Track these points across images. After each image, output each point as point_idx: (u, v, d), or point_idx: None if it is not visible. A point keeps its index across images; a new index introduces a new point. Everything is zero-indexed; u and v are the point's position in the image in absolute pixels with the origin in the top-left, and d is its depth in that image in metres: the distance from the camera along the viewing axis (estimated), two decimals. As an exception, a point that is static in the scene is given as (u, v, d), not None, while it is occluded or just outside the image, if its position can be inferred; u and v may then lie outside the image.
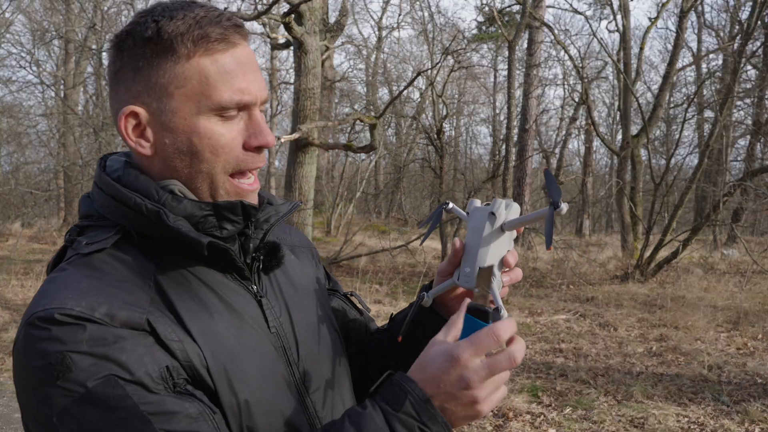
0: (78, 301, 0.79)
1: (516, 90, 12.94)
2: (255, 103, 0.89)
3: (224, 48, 0.87)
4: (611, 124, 25.95)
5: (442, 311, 1.09)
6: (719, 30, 20.60)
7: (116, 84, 0.89)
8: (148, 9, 0.88)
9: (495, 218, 0.96)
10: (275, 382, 0.91)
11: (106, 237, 0.88)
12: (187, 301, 0.87)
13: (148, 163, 0.91)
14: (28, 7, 20.08)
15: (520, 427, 4.44)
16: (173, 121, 0.87)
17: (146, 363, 0.78)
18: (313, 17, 9.02)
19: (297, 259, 1.11)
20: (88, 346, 0.76)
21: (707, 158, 11.32)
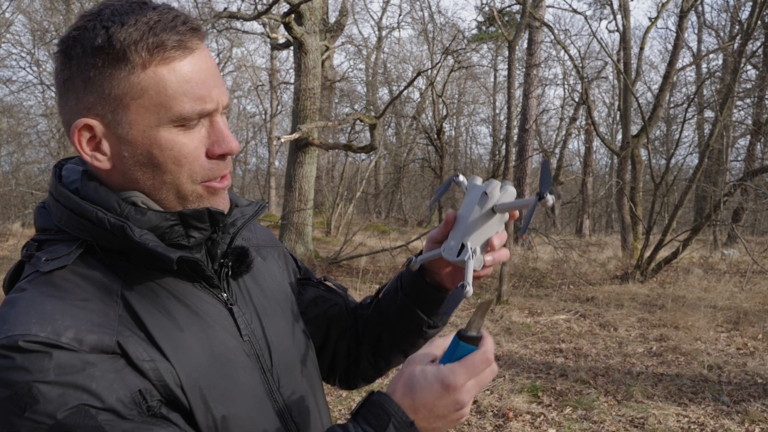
0: (43, 326, 0.75)
1: (516, 90, 12.94)
2: (216, 110, 0.86)
3: (182, 55, 0.82)
4: (611, 124, 25.96)
5: (430, 278, 1.10)
6: (719, 30, 20.62)
7: (66, 93, 0.84)
8: (95, 11, 0.82)
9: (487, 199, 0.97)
10: (251, 392, 0.89)
11: (67, 252, 0.83)
12: (157, 315, 0.84)
13: (106, 176, 0.86)
14: (28, 7, 20.08)
15: (520, 427, 4.44)
16: (131, 133, 0.82)
17: (117, 389, 0.75)
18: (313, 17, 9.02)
19: (264, 261, 1.08)
20: (55, 374, 0.73)
21: (707, 158, 11.33)
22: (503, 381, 5.35)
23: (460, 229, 0.99)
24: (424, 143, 20.50)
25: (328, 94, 17.99)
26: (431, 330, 1.14)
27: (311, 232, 11.86)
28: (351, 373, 1.22)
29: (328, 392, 4.99)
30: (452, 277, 1.09)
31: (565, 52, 14.00)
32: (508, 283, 9.18)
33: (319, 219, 18.21)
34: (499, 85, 25.73)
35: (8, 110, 18.44)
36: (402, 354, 1.19)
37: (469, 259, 0.97)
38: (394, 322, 1.14)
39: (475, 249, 0.98)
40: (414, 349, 1.17)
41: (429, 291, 1.09)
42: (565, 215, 25.90)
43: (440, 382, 0.80)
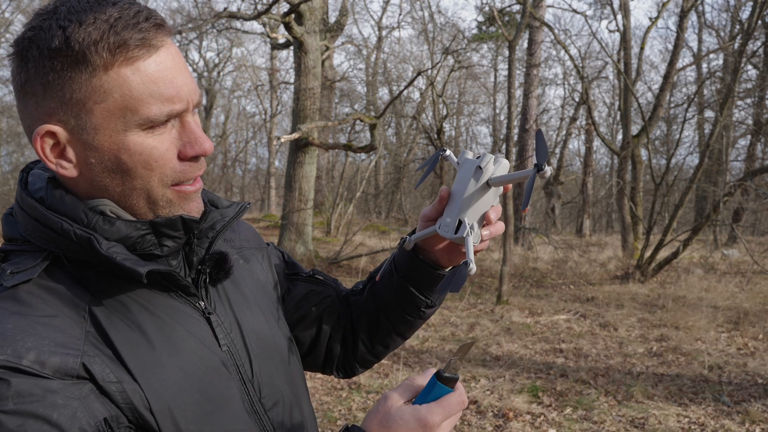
0: (3, 348, 0.71)
1: (516, 90, 12.94)
2: (187, 110, 0.81)
3: (146, 54, 0.77)
4: (611, 124, 25.96)
5: (424, 256, 1.08)
6: (720, 30, 20.61)
7: (24, 98, 0.79)
8: (50, 9, 0.77)
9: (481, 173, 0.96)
10: (229, 409, 0.86)
11: (33, 265, 0.79)
12: (126, 331, 0.80)
13: (72, 183, 0.82)
14: (28, 6, 20.09)
15: (520, 427, 4.43)
16: (97, 138, 0.78)
17: (80, 417, 0.72)
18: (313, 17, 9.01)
19: (246, 264, 1.04)
20: (14, 403, 0.69)
21: (707, 158, 11.32)
22: (503, 381, 5.34)
23: (455, 205, 0.98)
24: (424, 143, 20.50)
25: (328, 94, 17.99)
26: (429, 309, 1.12)
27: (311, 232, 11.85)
28: (348, 360, 1.20)
29: (328, 392, 4.99)
30: (447, 254, 1.07)
31: (565, 52, 14.00)
32: (509, 283, 9.17)
33: (319, 219, 18.21)
34: (499, 85, 25.73)
35: (8, 110, 18.43)
36: (400, 337, 1.17)
37: (468, 235, 0.95)
38: (391, 305, 1.12)
39: (472, 224, 0.96)
40: (411, 331, 1.17)
41: (425, 269, 1.07)
42: (566, 215, 25.89)
43: (417, 420, 0.81)
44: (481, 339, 6.71)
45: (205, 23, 10.41)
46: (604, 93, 25.79)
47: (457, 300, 9.06)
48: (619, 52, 14.37)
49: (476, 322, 7.63)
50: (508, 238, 8.92)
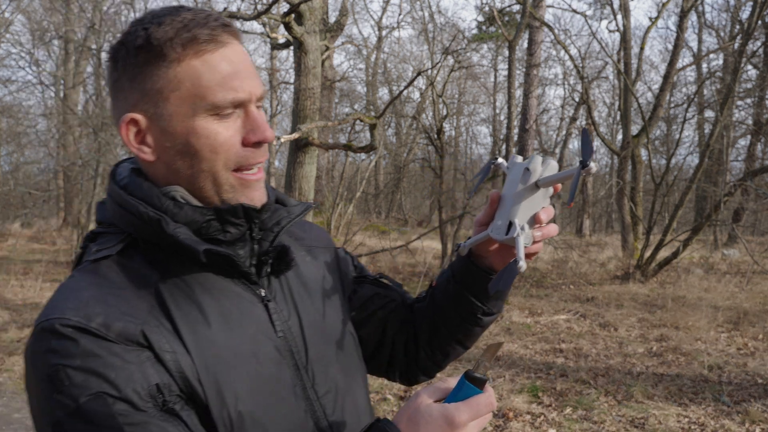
0: (76, 312, 0.81)
1: (516, 90, 12.94)
2: (250, 100, 0.90)
3: (213, 48, 0.87)
4: (611, 124, 25.95)
5: (479, 262, 1.10)
6: (719, 30, 20.61)
7: (115, 93, 0.91)
8: (139, 18, 0.90)
9: (530, 174, 0.97)
10: (275, 389, 0.91)
11: (113, 244, 0.90)
12: (186, 308, 0.87)
13: (153, 168, 0.92)
14: (28, 6, 20.07)
15: (520, 427, 4.43)
16: (171, 124, 0.88)
17: (135, 380, 0.79)
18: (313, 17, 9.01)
19: (313, 260, 1.10)
20: (80, 360, 0.78)
21: (708, 158, 11.32)
22: (503, 381, 5.34)
23: (505, 208, 0.99)
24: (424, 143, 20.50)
25: (328, 94, 17.99)
26: (486, 317, 1.14)
27: (311, 232, 11.84)
28: (411, 367, 1.22)
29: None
30: (501, 259, 1.09)
31: (565, 52, 14.00)
32: (508, 283, 9.15)
33: (319, 219, 18.20)
34: (499, 85, 25.73)
35: (8, 110, 18.42)
36: (459, 345, 1.19)
37: (518, 235, 0.96)
38: (449, 312, 1.14)
39: (523, 225, 0.97)
40: (471, 340, 1.18)
41: (479, 276, 1.09)
42: (566, 215, 25.88)
43: (444, 418, 0.83)
44: (480, 339, 6.71)
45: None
46: (604, 93, 25.79)
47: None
48: (619, 52, 14.36)
49: (476, 322, 7.62)
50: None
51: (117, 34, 17.09)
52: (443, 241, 12.78)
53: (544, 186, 0.98)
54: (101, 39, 16.11)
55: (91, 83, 20.66)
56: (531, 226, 0.99)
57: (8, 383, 5.48)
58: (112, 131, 13.81)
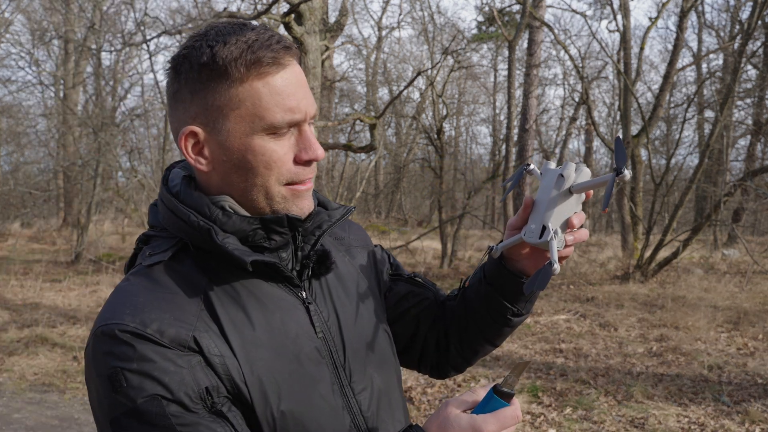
0: (133, 318, 0.87)
1: (516, 90, 12.95)
2: (304, 120, 0.95)
3: (275, 70, 0.92)
4: (611, 124, 25.93)
5: (510, 266, 1.14)
6: (719, 30, 20.60)
7: (175, 104, 0.96)
8: (202, 32, 0.94)
9: (563, 180, 1.01)
10: (315, 388, 0.96)
11: (165, 249, 0.96)
12: (233, 312, 0.93)
13: (206, 178, 0.98)
14: (28, 6, 20.07)
15: (520, 427, 4.43)
16: (229, 140, 0.93)
17: (187, 384, 0.86)
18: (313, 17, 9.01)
19: (352, 260, 1.15)
20: (137, 364, 0.85)
21: (707, 158, 11.32)
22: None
23: (539, 212, 1.02)
24: (424, 143, 20.48)
25: (328, 94, 17.99)
26: (516, 318, 1.17)
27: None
28: (441, 362, 1.27)
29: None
30: (533, 263, 1.11)
31: (565, 52, 14.00)
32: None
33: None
34: (499, 85, 25.72)
35: (7, 110, 18.42)
36: (488, 343, 1.23)
37: (552, 239, 0.98)
38: (480, 312, 1.18)
39: (556, 229, 1.00)
40: (500, 339, 1.22)
41: (510, 278, 1.12)
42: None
43: (472, 428, 0.86)
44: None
45: (204, 23, 10.42)
46: (604, 93, 25.78)
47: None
48: (619, 52, 14.36)
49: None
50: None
51: (117, 34, 17.09)
52: (443, 241, 12.78)
53: (578, 192, 1.01)
54: (101, 39, 16.10)
55: (91, 83, 20.65)
56: (563, 230, 1.02)
57: (8, 383, 5.48)
58: (112, 131, 13.81)
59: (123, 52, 19.06)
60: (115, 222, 19.04)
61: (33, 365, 5.94)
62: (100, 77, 18.54)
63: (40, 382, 5.53)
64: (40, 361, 6.05)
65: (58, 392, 5.30)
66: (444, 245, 12.77)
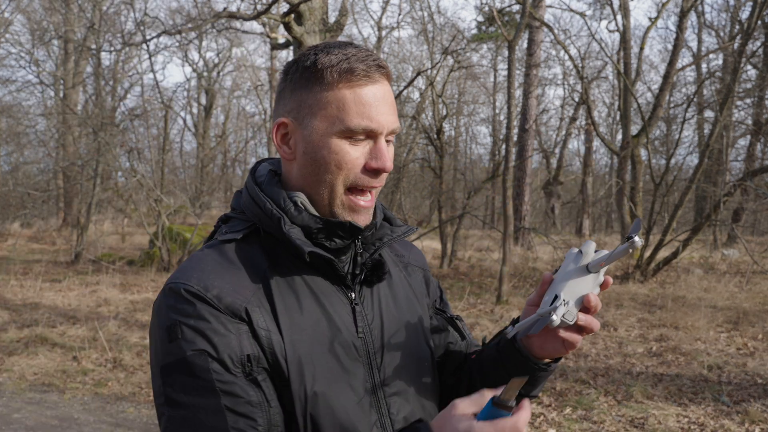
0: (199, 281, 0.99)
1: (516, 90, 12.93)
2: (381, 132, 1.04)
3: (365, 83, 1.02)
4: (611, 124, 25.94)
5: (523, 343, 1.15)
6: (719, 30, 20.60)
7: (279, 99, 1.09)
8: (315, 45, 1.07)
9: (581, 256, 1.05)
10: (347, 380, 1.04)
11: (240, 229, 1.07)
12: (286, 296, 1.03)
13: (288, 167, 1.09)
14: (28, 6, 20.07)
15: (520, 427, 4.42)
16: (312, 135, 1.04)
17: (232, 348, 0.96)
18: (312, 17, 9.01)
19: (407, 276, 1.24)
20: (194, 321, 0.96)
21: (707, 158, 11.31)
22: (503, 381, 5.34)
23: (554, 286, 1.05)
24: (424, 143, 20.49)
25: (328, 94, 17.94)
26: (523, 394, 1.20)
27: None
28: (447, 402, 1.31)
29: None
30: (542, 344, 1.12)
31: (565, 52, 14.00)
32: (508, 283, 9.17)
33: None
34: (499, 85, 25.72)
35: (7, 110, 18.41)
36: None
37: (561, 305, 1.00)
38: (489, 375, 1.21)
39: (567, 300, 1.01)
40: None
41: (522, 361, 1.14)
42: (565, 215, 25.88)
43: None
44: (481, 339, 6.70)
45: (204, 23, 10.41)
46: (603, 93, 25.78)
47: (457, 300, 9.06)
48: (619, 52, 14.37)
49: (476, 321, 7.62)
50: (507, 238, 8.92)
51: (117, 34, 17.09)
52: (443, 241, 12.77)
53: (594, 269, 1.02)
54: (101, 39, 16.09)
55: (91, 83, 20.66)
56: (577, 306, 1.02)
57: (8, 383, 5.48)
58: (112, 131, 13.80)
59: (123, 52, 19.08)
60: (114, 222, 19.03)
61: (33, 365, 5.93)
62: (100, 77, 18.54)
63: (40, 382, 5.52)
64: (40, 361, 6.05)
65: (57, 392, 5.30)
66: (444, 245, 12.77)
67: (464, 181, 24.94)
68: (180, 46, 20.29)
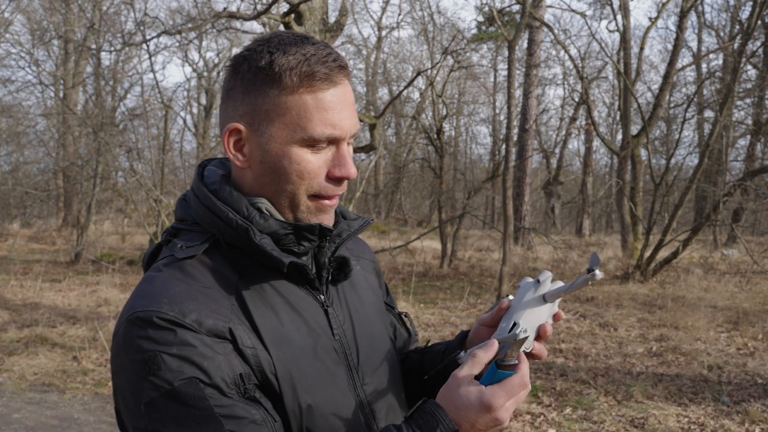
0: (171, 307, 0.90)
1: (516, 90, 12.93)
2: (344, 138, 0.99)
3: (326, 87, 0.96)
4: (611, 124, 25.94)
5: None
6: (719, 30, 20.61)
7: (227, 100, 1.00)
8: (265, 38, 0.98)
9: (539, 285, 1.05)
10: (336, 385, 1.01)
11: (198, 243, 0.99)
12: (263, 309, 0.97)
13: (242, 175, 1.02)
14: (28, 6, 20.07)
15: (520, 427, 4.43)
16: (270, 143, 0.97)
17: (223, 369, 0.89)
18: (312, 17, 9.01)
19: (362, 271, 1.21)
20: (177, 349, 0.88)
21: (707, 158, 11.31)
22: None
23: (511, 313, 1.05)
24: (424, 143, 20.49)
25: (328, 94, 17.95)
26: None
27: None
28: None
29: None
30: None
31: (565, 52, 14.00)
32: (508, 282, 9.17)
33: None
34: (499, 85, 25.72)
35: (7, 110, 18.41)
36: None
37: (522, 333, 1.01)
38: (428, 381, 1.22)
39: (526, 329, 1.03)
40: None
41: None
42: (565, 215, 25.89)
43: (482, 403, 0.91)
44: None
45: (204, 23, 10.42)
46: (603, 93, 25.78)
47: (457, 300, 9.06)
48: (619, 52, 14.36)
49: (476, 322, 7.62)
50: (507, 238, 8.92)
51: (117, 34, 17.08)
52: (443, 241, 12.77)
53: (551, 299, 1.04)
54: (101, 39, 16.09)
55: (91, 83, 20.66)
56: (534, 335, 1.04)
57: (8, 383, 5.47)
58: (111, 131, 13.80)
59: (123, 52, 19.06)
60: (114, 222, 19.03)
61: (33, 365, 5.93)
62: (100, 77, 18.54)
63: (40, 382, 5.52)
64: (40, 361, 6.05)
65: (57, 392, 5.30)
66: (444, 245, 12.77)
67: (464, 181, 24.95)
68: (180, 46, 20.26)
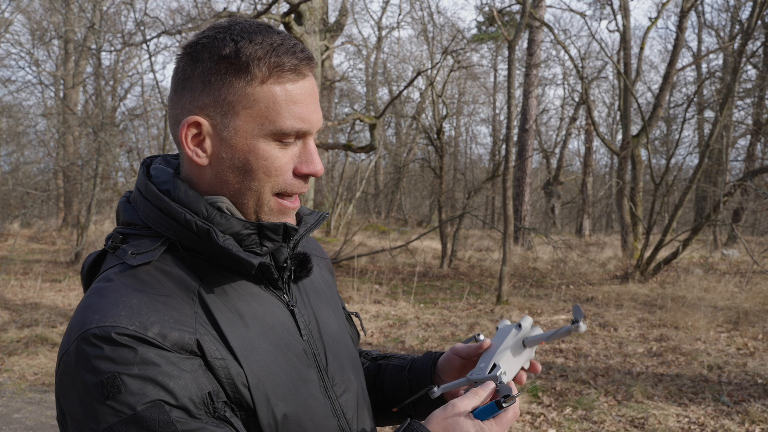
0: (131, 320, 0.82)
1: (516, 90, 12.94)
2: (311, 132, 0.94)
3: (295, 78, 0.91)
4: (611, 124, 25.94)
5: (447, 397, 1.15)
6: (719, 30, 20.59)
7: (182, 91, 0.92)
8: (225, 26, 0.92)
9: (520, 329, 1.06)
10: (309, 389, 0.96)
11: (152, 248, 0.90)
12: (227, 314, 0.90)
13: (199, 173, 0.94)
14: (28, 6, 20.07)
15: (520, 427, 4.43)
16: (234, 138, 0.90)
17: (190, 389, 0.82)
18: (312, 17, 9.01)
19: (317, 268, 1.16)
20: (138, 369, 0.79)
21: (707, 158, 11.31)
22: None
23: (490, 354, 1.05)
24: (424, 143, 20.49)
25: (328, 94, 17.98)
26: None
27: (311, 232, 11.83)
28: None
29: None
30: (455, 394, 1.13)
31: (565, 52, 14.00)
32: (508, 283, 9.17)
33: (318, 219, 18.16)
34: (499, 85, 25.73)
35: (7, 110, 18.41)
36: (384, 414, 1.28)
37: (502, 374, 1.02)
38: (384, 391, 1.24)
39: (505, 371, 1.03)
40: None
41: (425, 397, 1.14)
42: (565, 215, 25.89)
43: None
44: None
45: (204, 23, 10.42)
46: (603, 93, 25.78)
47: (457, 300, 9.06)
48: (619, 52, 14.36)
49: (476, 321, 7.63)
50: (508, 238, 8.92)
51: (117, 34, 17.07)
52: (443, 241, 12.78)
53: (530, 345, 1.05)
54: (101, 39, 16.09)
55: (91, 83, 20.65)
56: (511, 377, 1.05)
57: (8, 383, 5.47)
58: (112, 131, 13.80)
59: (123, 52, 19.07)
60: (114, 222, 19.02)
61: (33, 365, 5.93)
62: (100, 77, 18.53)
63: (40, 382, 5.52)
64: (40, 361, 6.05)
65: (57, 392, 5.30)
66: (444, 245, 12.77)
67: (464, 181, 24.95)
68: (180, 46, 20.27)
